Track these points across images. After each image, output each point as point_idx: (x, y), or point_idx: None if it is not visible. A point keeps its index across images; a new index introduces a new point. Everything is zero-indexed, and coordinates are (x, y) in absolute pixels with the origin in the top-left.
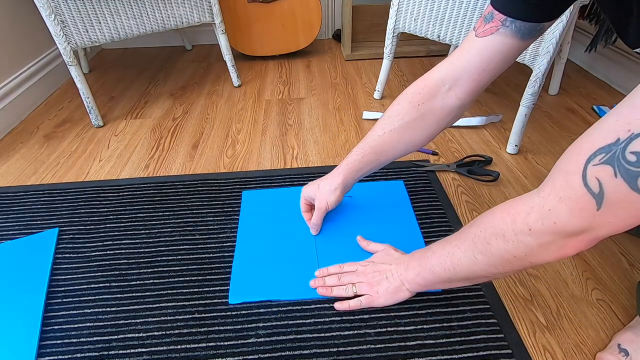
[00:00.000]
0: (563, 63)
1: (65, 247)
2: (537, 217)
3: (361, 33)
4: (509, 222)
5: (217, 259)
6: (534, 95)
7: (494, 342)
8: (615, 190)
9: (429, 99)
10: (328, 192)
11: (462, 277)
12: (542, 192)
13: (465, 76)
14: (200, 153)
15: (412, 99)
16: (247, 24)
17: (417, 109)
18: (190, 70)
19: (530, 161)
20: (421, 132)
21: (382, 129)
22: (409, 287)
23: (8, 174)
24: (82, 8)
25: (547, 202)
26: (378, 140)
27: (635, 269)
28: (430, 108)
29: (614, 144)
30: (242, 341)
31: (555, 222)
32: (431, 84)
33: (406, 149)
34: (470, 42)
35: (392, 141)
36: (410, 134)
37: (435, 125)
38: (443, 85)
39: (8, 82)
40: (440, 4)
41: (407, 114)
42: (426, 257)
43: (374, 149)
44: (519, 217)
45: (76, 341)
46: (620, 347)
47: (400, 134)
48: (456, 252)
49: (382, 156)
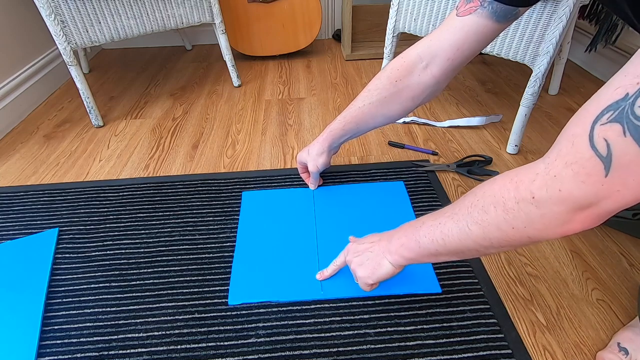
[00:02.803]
0: (563, 63)
1: (65, 247)
2: (542, 184)
3: (361, 33)
4: (512, 189)
5: (217, 259)
6: (534, 95)
7: (494, 342)
8: (625, 150)
9: (406, 75)
10: (316, 156)
11: (451, 251)
12: (547, 159)
13: (441, 54)
14: (200, 153)
15: (390, 74)
16: (247, 24)
17: (395, 84)
18: (190, 70)
19: (530, 161)
20: (397, 107)
21: (362, 101)
22: (392, 260)
23: (8, 174)
24: (82, 8)
25: (553, 167)
26: (358, 111)
27: (635, 269)
28: (407, 84)
29: (622, 99)
30: (242, 341)
31: (560, 189)
32: (409, 61)
33: (383, 121)
34: (450, 21)
35: (370, 113)
36: (387, 108)
37: (410, 102)
38: (420, 62)
39: (8, 82)
40: (440, 4)
41: (385, 89)
42: (414, 227)
43: (354, 119)
44: (522, 184)
45: (76, 341)
46: (619, 345)
47: (377, 107)
48: (447, 222)
49: (361, 125)
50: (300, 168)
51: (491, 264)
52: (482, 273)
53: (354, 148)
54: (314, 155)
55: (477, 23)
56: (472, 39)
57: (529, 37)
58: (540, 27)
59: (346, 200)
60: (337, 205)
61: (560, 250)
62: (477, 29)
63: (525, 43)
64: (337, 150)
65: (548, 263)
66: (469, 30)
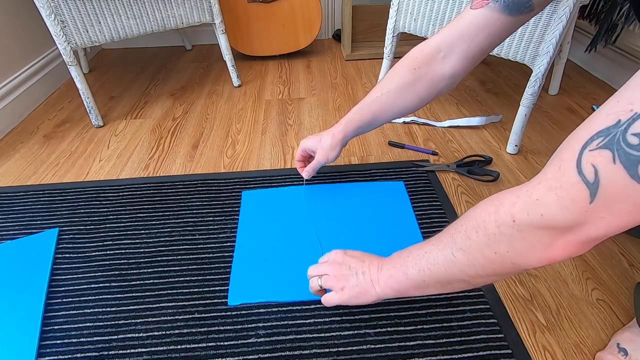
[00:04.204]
0: (563, 63)
1: (65, 247)
2: (523, 207)
3: (361, 33)
4: (492, 212)
5: (217, 259)
6: (534, 95)
7: (494, 342)
8: (613, 178)
9: (425, 63)
10: (330, 148)
11: (438, 281)
12: (531, 182)
13: (457, 47)
14: (200, 153)
15: (409, 62)
16: (247, 24)
17: (414, 72)
18: (190, 70)
19: (530, 161)
20: (413, 96)
21: (380, 91)
22: (379, 291)
23: (8, 174)
24: (82, 8)
25: (536, 191)
26: (375, 102)
27: (635, 269)
28: (426, 72)
29: (614, 126)
30: (242, 341)
31: (542, 213)
32: (428, 50)
33: (398, 113)
34: (464, 14)
35: (388, 103)
36: (405, 97)
37: (426, 91)
38: (439, 52)
39: (8, 82)
40: (440, 4)
41: (404, 77)
42: (402, 257)
43: (371, 109)
44: (502, 207)
45: (76, 341)
46: (619, 346)
47: (394, 96)
48: (433, 250)
49: (378, 116)
50: (299, 156)
51: None
52: None
53: (354, 148)
54: (327, 146)
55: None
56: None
57: (529, 37)
58: (540, 27)
59: (346, 199)
60: (337, 205)
61: None
62: (489, 23)
63: (525, 43)
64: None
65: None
66: (480, 24)
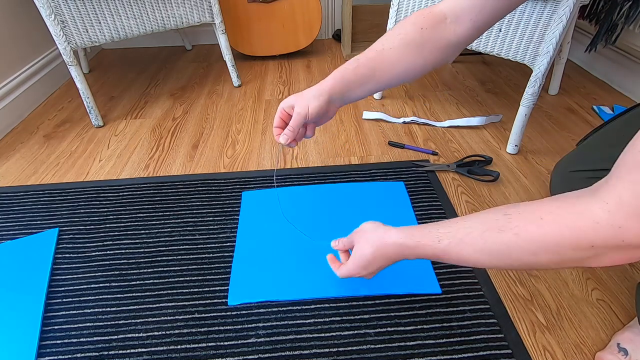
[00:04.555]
0: (563, 63)
1: (65, 247)
2: (605, 235)
3: (361, 33)
4: (568, 239)
5: (217, 259)
6: (534, 95)
7: (493, 342)
8: None
9: (432, 25)
10: (311, 96)
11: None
12: (605, 205)
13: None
14: (200, 153)
15: (416, 20)
16: (247, 24)
17: (420, 32)
18: (190, 70)
19: (530, 161)
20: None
21: (382, 45)
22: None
23: (8, 174)
24: (82, 8)
25: (616, 217)
26: (376, 54)
27: (635, 269)
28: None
29: None
30: (242, 341)
31: (623, 240)
32: (435, 14)
33: (402, 74)
34: None
35: (391, 59)
36: (410, 57)
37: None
38: (446, 18)
39: (8, 82)
40: None
41: (409, 34)
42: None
43: (370, 61)
44: (581, 235)
45: (76, 341)
46: (619, 346)
47: (400, 53)
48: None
49: (377, 72)
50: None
51: None
52: (482, 273)
53: (354, 148)
54: (308, 95)
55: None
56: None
57: (529, 37)
58: (540, 27)
59: (346, 199)
60: (337, 205)
61: None
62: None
63: (525, 43)
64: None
65: None
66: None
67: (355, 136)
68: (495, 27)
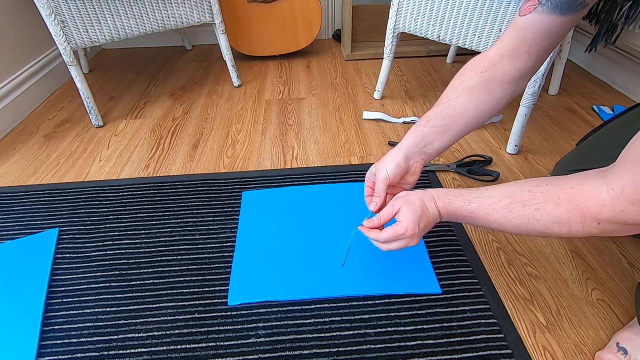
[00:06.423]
0: (563, 63)
1: (65, 247)
2: (609, 216)
3: (361, 33)
4: (578, 216)
5: (217, 259)
6: (534, 95)
7: (494, 342)
8: None
9: (490, 66)
10: (388, 159)
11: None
12: (611, 190)
13: (517, 50)
14: (200, 153)
15: (473, 67)
16: (247, 24)
17: (481, 75)
18: (190, 70)
19: (530, 161)
20: (487, 97)
21: (447, 97)
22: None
23: (8, 174)
24: (82, 8)
25: (619, 203)
26: (444, 106)
27: (635, 269)
28: (494, 74)
29: None
30: (242, 341)
31: (626, 221)
32: (489, 56)
33: (477, 115)
34: (516, 22)
35: (459, 105)
36: (478, 97)
37: (500, 91)
38: (501, 58)
39: (8, 82)
40: (440, 4)
41: (471, 79)
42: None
43: (440, 114)
44: (589, 214)
45: (76, 341)
46: (619, 345)
47: (467, 97)
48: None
49: (451, 121)
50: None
51: (491, 264)
52: (482, 273)
53: (354, 148)
54: (386, 159)
55: (540, 20)
56: (542, 35)
57: None
58: None
59: (346, 199)
60: (337, 205)
61: (560, 250)
62: (542, 26)
63: None
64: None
65: (548, 263)
66: (534, 29)
67: (355, 136)
68: (496, 27)
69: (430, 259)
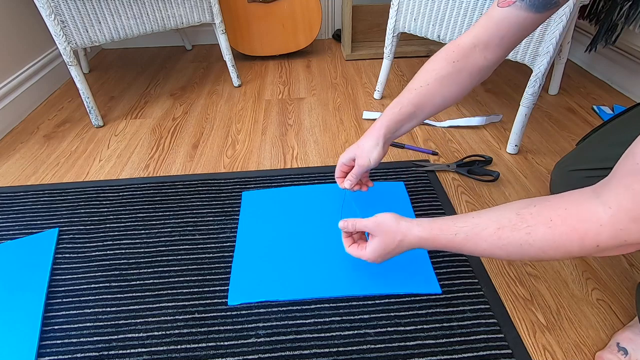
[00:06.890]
0: (563, 63)
1: (65, 247)
2: (608, 237)
3: (361, 33)
4: (576, 240)
5: (217, 259)
6: (534, 95)
7: (494, 342)
8: None
9: (463, 57)
10: (370, 147)
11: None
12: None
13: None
14: (200, 153)
15: (447, 56)
16: (247, 24)
17: (453, 65)
18: (190, 70)
19: (530, 161)
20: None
21: (419, 83)
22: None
23: (8, 174)
24: (82, 8)
25: (618, 221)
26: (415, 93)
27: (635, 269)
28: (464, 65)
29: None
30: (242, 341)
31: (626, 240)
32: (464, 46)
33: (441, 104)
34: (492, 12)
35: (428, 94)
36: (447, 88)
37: (467, 81)
38: (474, 47)
39: (8, 82)
40: (440, 4)
41: (443, 69)
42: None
43: (411, 101)
44: (587, 236)
45: (76, 341)
46: (619, 345)
47: (436, 87)
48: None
49: (419, 109)
50: (339, 172)
51: (491, 264)
52: (482, 273)
53: None
54: (367, 147)
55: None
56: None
57: (529, 37)
58: (540, 27)
59: (346, 199)
60: (337, 205)
61: None
62: (518, 21)
63: (525, 43)
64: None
65: (548, 263)
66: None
67: (356, 136)
68: None
69: (430, 259)
